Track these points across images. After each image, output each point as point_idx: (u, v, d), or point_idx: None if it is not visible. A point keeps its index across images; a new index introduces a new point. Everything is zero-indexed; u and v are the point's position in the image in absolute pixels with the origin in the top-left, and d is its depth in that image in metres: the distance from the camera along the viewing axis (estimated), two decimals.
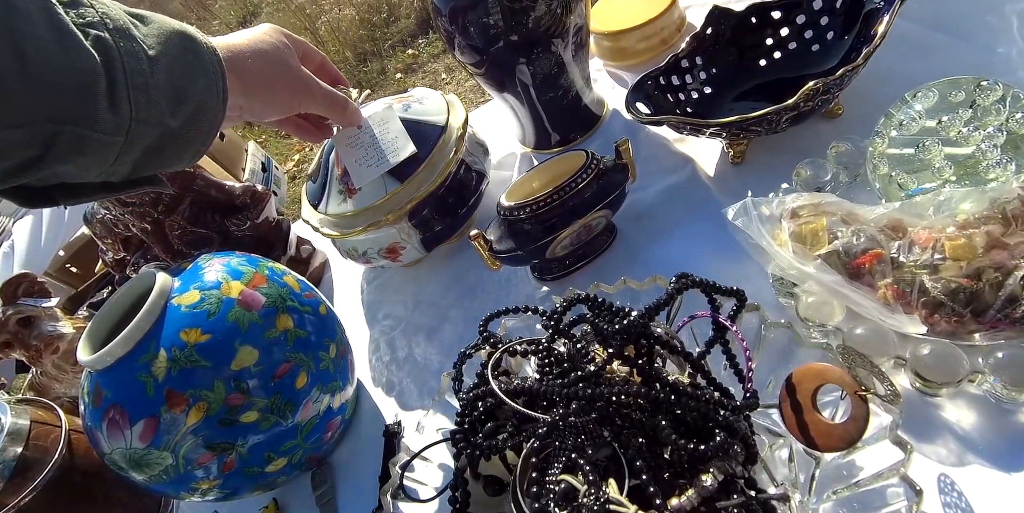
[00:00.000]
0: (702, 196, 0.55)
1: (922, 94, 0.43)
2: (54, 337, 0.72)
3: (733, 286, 0.38)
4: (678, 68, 0.59)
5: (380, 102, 0.59)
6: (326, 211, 0.59)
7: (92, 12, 0.30)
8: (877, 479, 0.31)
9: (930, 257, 0.37)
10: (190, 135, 0.35)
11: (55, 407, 0.58)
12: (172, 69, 0.33)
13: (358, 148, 0.56)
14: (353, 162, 0.56)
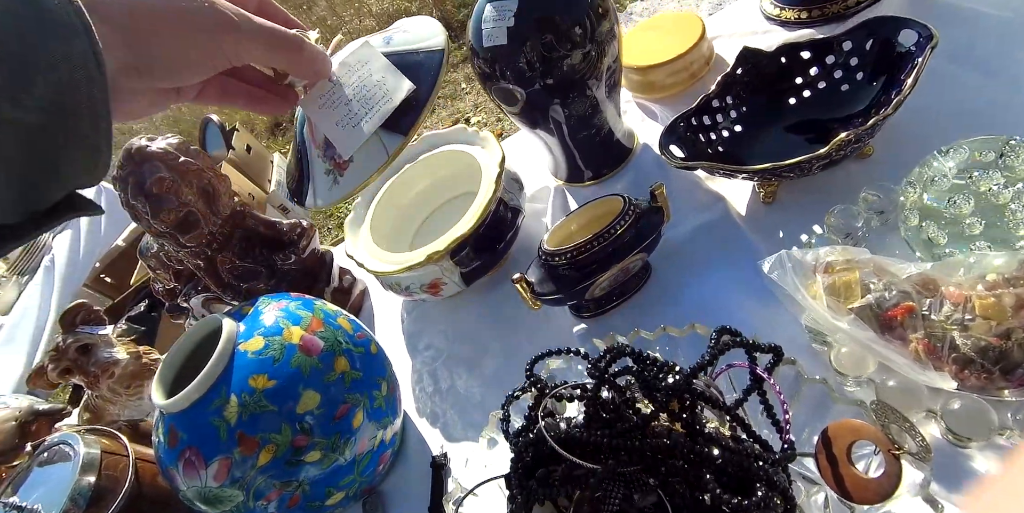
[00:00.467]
0: (734, 235, 0.57)
1: (954, 151, 0.44)
2: (110, 363, 0.76)
3: (770, 342, 0.40)
4: (709, 108, 0.61)
5: (352, 43, 0.44)
6: (315, 201, 0.43)
7: None
8: None
9: (960, 315, 0.38)
10: (68, 130, 0.24)
11: (120, 436, 0.62)
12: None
13: (335, 107, 0.40)
14: (333, 126, 0.40)
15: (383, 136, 0.39)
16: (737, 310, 0.52)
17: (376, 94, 0.39)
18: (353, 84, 0.40)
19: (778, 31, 0.72)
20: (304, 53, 0.34)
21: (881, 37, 0.54)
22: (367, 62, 0.41)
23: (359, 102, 0.40)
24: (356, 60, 0.41)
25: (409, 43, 0.42)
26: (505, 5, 0.55)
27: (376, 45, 0.42)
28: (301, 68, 0.36)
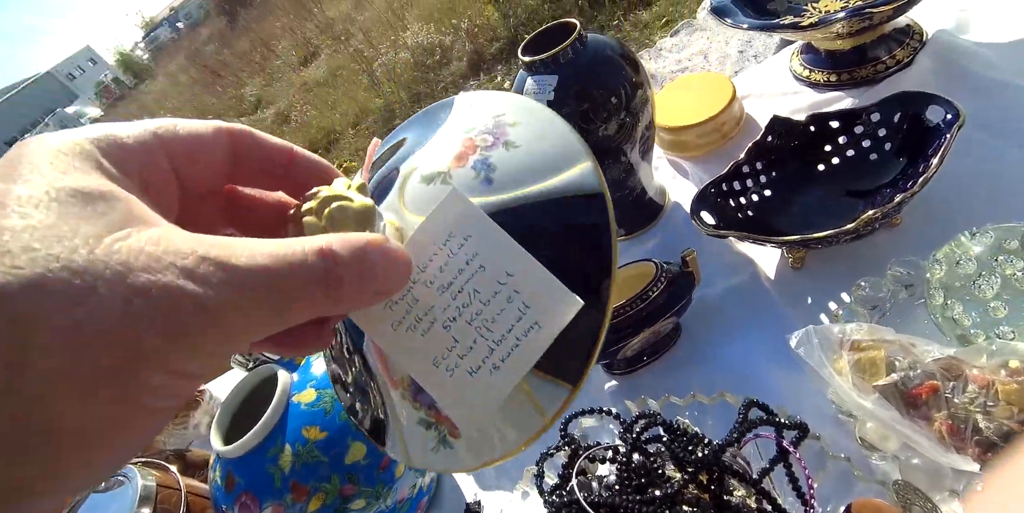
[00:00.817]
0: (763, 300, 0.59)
1: (980, 234, 0.46)
2: None
3: (797, 417, 0.41)
4: (739, 174, 0.63)
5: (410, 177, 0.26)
6: (409, 458, 0.26)
7: None
8: None
9: (983, 399, 0.40)
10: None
11: (171, 469, 0.66)
12: None
13: (426, 331, 0.23)
14: (427, 365, 0.23)
15: (530, 383, 0.22)
16: (765, 376, 0.53)
17: (505, 311, 0.21)
18: (451, 286, 0.22)
19: (807, 92, 0.75)
20: (344, 288, 0.18)
21: (909, 111, 0.56)
22: (467, 237, 0.22)
23: (471, 325, 0.22)
24: (443, 232, 0.22)
25: (528, 176, 0.23)
26: (546, 79, 0.59)
27: (466, 184, 0.24)
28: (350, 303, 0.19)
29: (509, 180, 0.23)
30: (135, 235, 0.15)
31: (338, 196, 0.22)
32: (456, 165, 0.25)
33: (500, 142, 0.25)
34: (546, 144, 0.24)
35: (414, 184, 0.25)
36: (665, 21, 2.33)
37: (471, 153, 0.25)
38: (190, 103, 5.76)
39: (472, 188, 0.24)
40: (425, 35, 3.20)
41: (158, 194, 0.19)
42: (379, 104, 3.17)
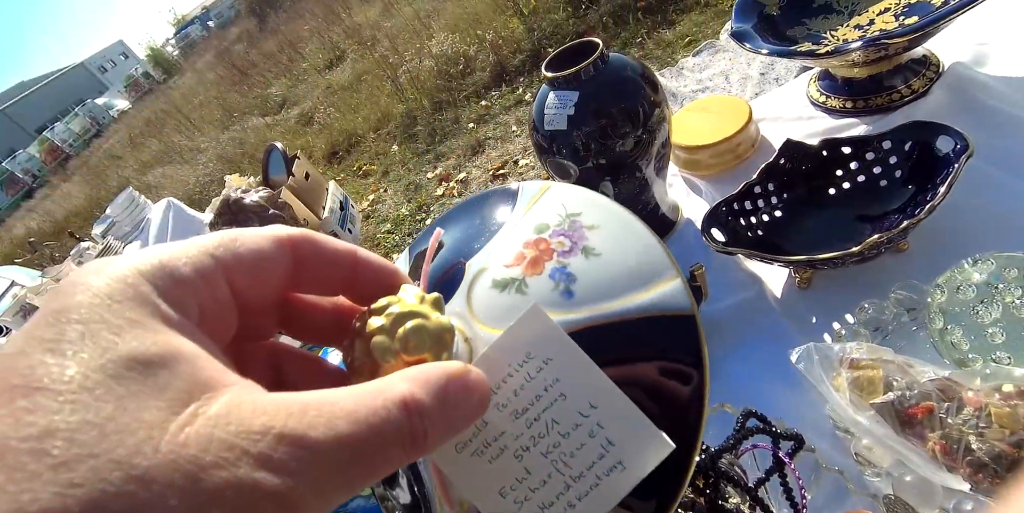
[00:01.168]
0: (769, 317, 0.60)
1: (982, 262, 0.47)
2: None
3: (790, 426, 0.43)
4: (751, 193, 0.65)
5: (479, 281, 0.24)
6: None
7: None
8: None
9: (976, 421, 0.41)
10: None
11: None
12: None
13: (494, 457, 0.20)
14: (495, 496, 0.20)
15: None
16: (766, 390, 0.55)
17: (585, 447, 0.20)
18: (526, 413, 0.20)
19: (823, 118, 0.77)
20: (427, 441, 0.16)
21: (920, 140, 0.58)
22: (547, 360, 0.20)
23: (547, 458, 0.20)
24: (521, 351, 0.20)
25: (613, 290, 0.22)
26: (567, 95, 0.62)
27: (544, 296, 0.22)
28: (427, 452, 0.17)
29: (591, 294, 0.22)
30: (202, 416, 0.13)
31: (412, 313, 0.20)
32: (531, 272, 0.23)
33: (579, 248, 0.23)
34: (630, 253, 0.23)
35: (484, 289, 0.24)
36: (688, 41, 2.36)
37: (547, 259, 0.23)
38: (216, 100, 5.88)
39: (551, 301, 0.22)
40: (450, 44, 3.26)
41: (216, 321, 0.17)
42: (401, 110, 3.22)
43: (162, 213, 2.14)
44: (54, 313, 0.14)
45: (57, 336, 0.13)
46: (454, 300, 0.24)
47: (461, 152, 2.64)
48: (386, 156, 3.00)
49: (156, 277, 0.15)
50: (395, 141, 3.07)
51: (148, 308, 0.15)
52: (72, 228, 3.35)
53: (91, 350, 0.13)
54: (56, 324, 0.14)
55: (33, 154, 11.91)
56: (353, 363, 0.20)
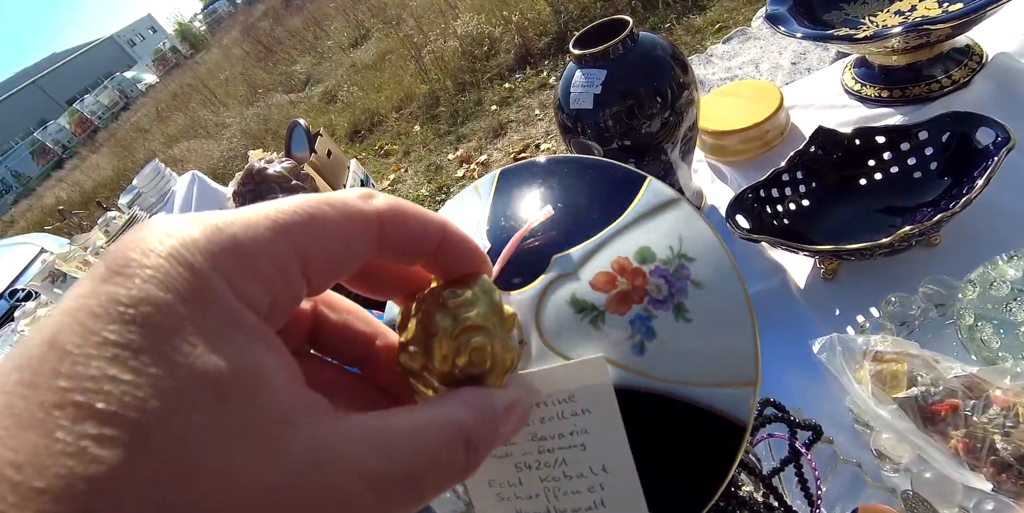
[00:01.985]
0: (791, 307, 0.59)
1: (1017, 258, 0.46)
2: None
3: (812, 420, 0.42)
4: (779, 181, 0.64)
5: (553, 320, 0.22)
6: None
7: None
8: None
9: (1003, 420, 0.40)
10: None
11: None
12: None
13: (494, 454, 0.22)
14: (482, 490, 0.22)
15: None
16: (786, 381, 0.54)
17: (579, 495, 0.21)
18: (545, 440, 0.21)
19: (856, 107, 0.75)
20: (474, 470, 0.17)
21: (958, 132, 0.56)
22: (587, 409, 0.20)
23: (542, 482, 0.21)
24: (567, 390, 0.20)
25: (685, 369, 0.21)
26: (594, 73, 0.60)
27: (615, 340, 0.21)
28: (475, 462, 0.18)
29: (662, 362, 0.21)
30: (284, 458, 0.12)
31: (482, 328, 0.19)
32: (614, 308, 0.21)
33: (673, 303, 0.21)
34: (722, 336, 0.21)
35: (561, 299, 0.22)
36: (718, 27, 2.31)
37: (636, 301, 0.21)
38: (241, 76, 5.91)
39: (619, 350, 0.21)
40: (475, 25, 3.22)
41: (283, 316, 0.15)
42: (424, 90, 3.20)
43: (187, 186, 2.17)
44: (112, 301, 0.12)
45: (118, 339, 0.11)
46: (527, 292, 0.23)
47: (483, 134, 2.62)
48: (408, 136, 2.99)
49: (227, 262, 0.13)
50: (417, 121, 3.06)
51: (220, 308, 0.13)
52: (99, 198, 3.41)
53: (161, 366, 0.11)
54: (116, 319, 0.12)
55: (63, 125, 12.12)
56: (407, 343, 0.19)
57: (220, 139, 4.51)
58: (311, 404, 0.14)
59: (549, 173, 0.26)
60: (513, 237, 0.23)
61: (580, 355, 0.21)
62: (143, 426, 0.11)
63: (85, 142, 11.20)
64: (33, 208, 7.50)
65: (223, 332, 0.12)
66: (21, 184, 11.61)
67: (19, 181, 11.78)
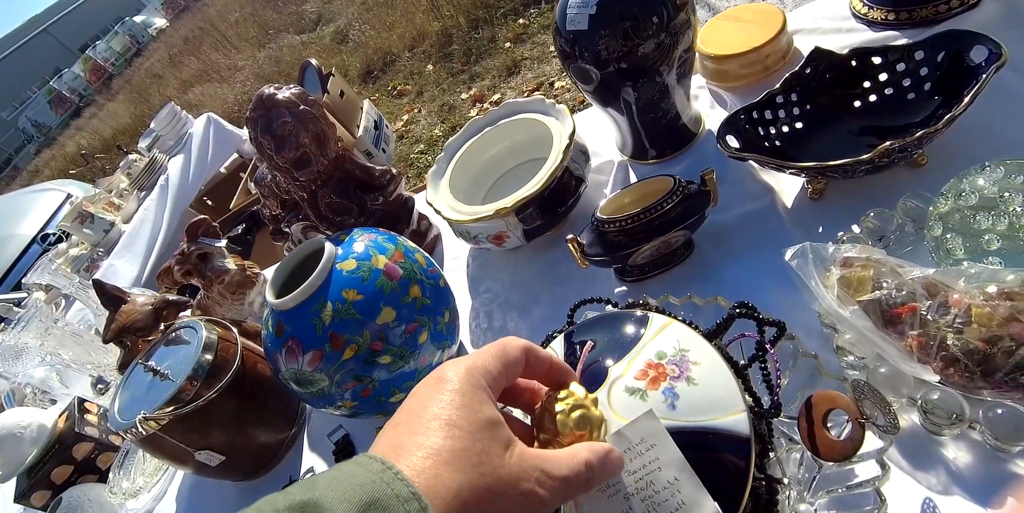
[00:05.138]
0: (776, 226, 0.62)
1: (991, 169, 0.47)
2: (222, 271, 0.91)
3: (777, 318, 0.46)
4: (772, 103, 0.65)
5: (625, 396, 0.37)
6: None
7: None
8: (860, 487, 0.40)
9: (954, 319, 0.43)
10: None
11: (231, 327, 0.76)
12: None
13: (610, 496, 0.35)
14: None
15: None
16: (764, 292, 0.57)
17: (667, 502, 0.33)
18: (635, 472, 0.34)
19: (863, 31, 0.74)
20: (592, 486, 0.31)
21: (953, 50, 0.56)
22: (653, 445, 0.34)
23: (643, 502, 0.33)
24: (638, 437, 0.34)
25: (701, 411, 0.35)
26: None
27: (656, 405, 0.35)
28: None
29: (688, 410, 0.35)
30: (514, 454, 0.29)
31: (581, 405, 0.35)
32: (651, 387, 0.37)
33: (684, 376, 0.37)
34: (718, 387, 0.36)
35: (619, 391, 0.37)
36: None
37: (662, 380, 0.37)
38: (252, 17, 5.78)
39: (661, 409, 0.35)
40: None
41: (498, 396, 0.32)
42: (437, 28, 3.12)
43: (203, 128, 2.20)
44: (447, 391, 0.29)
45: (449, 400, 0.29)
46: (599, 392, 0.38)
47: (496, 73, 2.58)
48: (420, 76, 2.95)
49: (485, 377, 0.31)
50: (430, 60, 3.00)
51: (485, 394, 0.30)
52: (120, 143, 3.46)
53: (470, 414, 0.28)
54: (446, 391, 0.29)
55: (78, 73, 12.04)
56: (541, 425, 0.35)
57: (233, 83, 4.48)
58: (516, 437, 0.30)
59: (592, 327, 0.45)
60: (577, 366, 0.40)
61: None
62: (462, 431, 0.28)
63: (100, 90, 11.17)
64: (56, 157, 7.61)
65: (488, 402, 0.30)
66: (42, 134, 11.70)
67: (40, 131, 11.87)
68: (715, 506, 0.33)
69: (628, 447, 0.35)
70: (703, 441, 0.35)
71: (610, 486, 0.35)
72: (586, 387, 0.40)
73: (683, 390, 0.36)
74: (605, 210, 0.62)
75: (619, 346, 0.41)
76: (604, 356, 0.41)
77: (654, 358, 0.39)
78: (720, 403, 0.36)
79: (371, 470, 0.26)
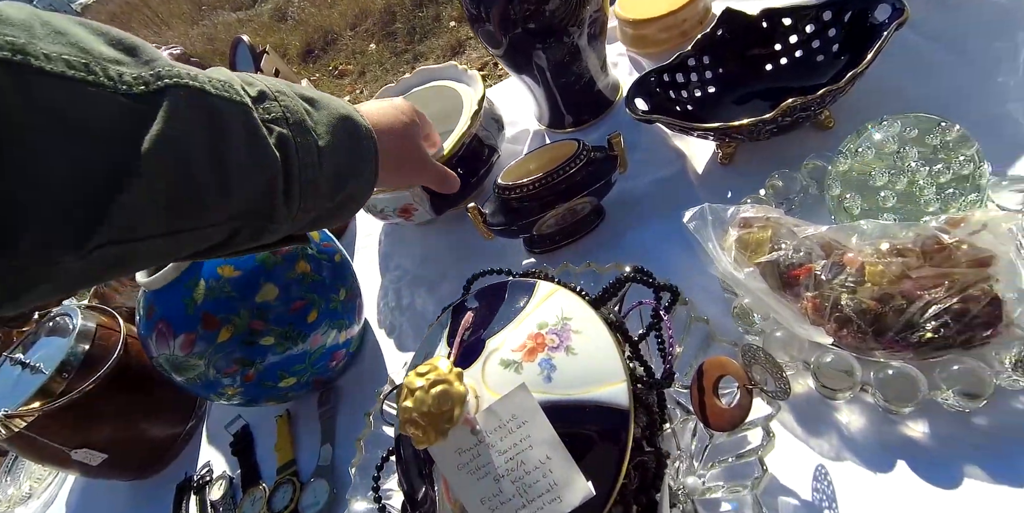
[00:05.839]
0: (686, 192, 0.60)
1: (886, 124, 0.46)
2: None
3: (673, 283, 0.44)
4: (684, 66, 0.62)
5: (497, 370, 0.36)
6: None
7: (276, 106, 0.31)
8: (746, 456, 0.38)
9: (847, 279, 0.42)
10: (341, 212, 0.37)
11: (116, 315, 0.70)
12: (337, 159, 0.34)
13: (481, 477, 0.33)
14: (476, 503, 0.33)
15: None
16: (670, 258, 0.56)
17: (539, 483, 0.31)
18: (506, 452, 0.32)
19: None
20: (448, 182, 0.51)
21: (858, 9, 0.55)
22: (525, 421, 0.32)
23: (514, 484, 0.31)
24: (509, 413, 0.32)
25: (578, 383, 0.33)
26: None
27: (531, 378, 0.33)
28: (442, 190, 0.51)
29: (564, 382, 0.33)
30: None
31: (444, 380, 0.34)
32: (527, 359, 0.35)
33: (563, 346, 0.35)
34: (598, 357, 0.34)
35: (494, 364, 0.35)
36: None
37: (540, 351, 0.35)
38: None
39: (535, 382, 0.33)
40: None
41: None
42: (380, 5, 3.01)
43: None
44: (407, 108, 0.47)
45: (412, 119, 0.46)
46: (474, 366, 0.36)
47: (441, 52, 2.50)
48: (363, 55, 2.85)
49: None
50: (373, 39, 2.90)
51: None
52: None
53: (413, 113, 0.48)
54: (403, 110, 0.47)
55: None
56: (399, 404, 0.35)
57: None
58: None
59: (479, 298, 0.43)
60: (455, 339, 0.38)
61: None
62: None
63: None
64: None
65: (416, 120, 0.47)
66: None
67: None
68: (588, 486, 0.31)
69: (498, 424, 0.32)
70: (579, 415, 0.32)
71: (480, 467, 0.33)
72: (463, 361, 0.37)
73: (561, 361, 0.34)
74: (508, 177, 0.58)
75: (503, 317, 0.39)
76: (485, 327, 0.39)
77: (535, 328, 0.36)
78: (599, 374, 0.33)
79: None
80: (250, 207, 0.30)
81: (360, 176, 0.37)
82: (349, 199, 0.37)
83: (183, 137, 0.26)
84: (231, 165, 0.28)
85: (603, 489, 0.31)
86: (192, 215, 0.27)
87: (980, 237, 0.39)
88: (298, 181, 0.31)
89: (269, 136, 0.30)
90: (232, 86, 0.29)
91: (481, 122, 0.66)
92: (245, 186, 0.29)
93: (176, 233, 0.27)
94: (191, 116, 0.26)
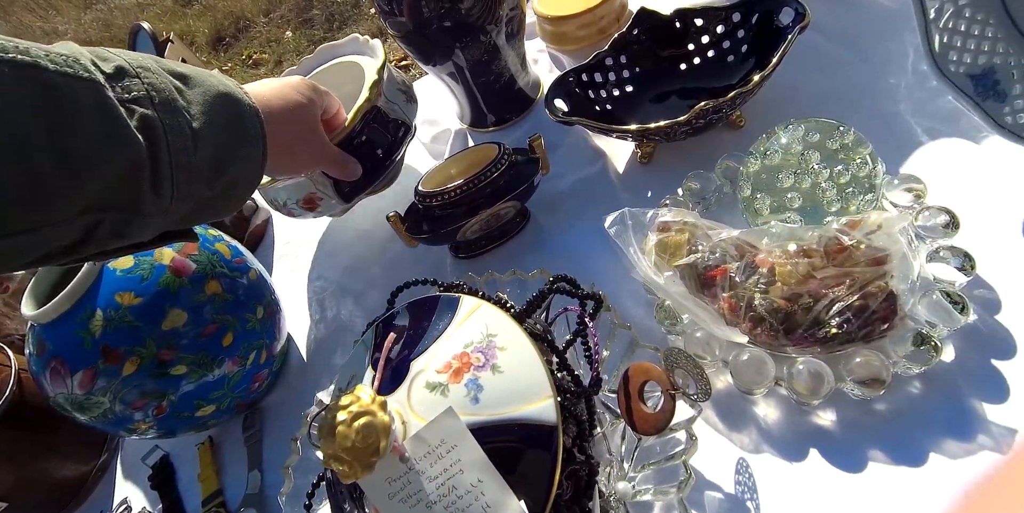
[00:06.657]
0: (607, 192, 0.60)
1: (793, 127, 0.48)
2: (4, 277, 0.76)
3: (598, 289, 0.44)
4: (601, 66, 0.62)
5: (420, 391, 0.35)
6: None
7: (138, 84, 0.28)
8: (671, 459, 0.40)
9: (759, 279, 0.43)
10: (226, 202, 0.35)
11: (3, 347, 0.63)
12: (215, 141, 0.31)
13: (412, 505, 0.32)
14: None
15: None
16: (596, 262, 0.56)
17: (471, 506, 0.31)
18: (436, 478, 0.31)
19: None
20: (348, 169, 0.51)
21: (764, 11, 0.56)
22: (454, 446, 0.31)
23: (447, 510, 0.31)
24: (437, 438, 0.32)
25: (505, 402, 0.33)
26: None
27: (458, 400, 0.33)
28: (343, 177, 0.52)
29: (492, 403, 0.33)
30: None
31: (367, 411, 0.33)
32: (453, 380, 0.34)
33: (489, 365, 0.34)
34: (524, 374, 0.33)
35: (419, 387, 0.35)
36: None
37: (465, 371, 0.34)
38: None
39: (462, 405, 0.33)
40: None
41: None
42: None
43: None
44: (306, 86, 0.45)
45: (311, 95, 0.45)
46: (399, 390, 0.35)
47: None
48: (279, 43, 2.70)
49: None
50: (289, 26, 2.75)
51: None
52: None
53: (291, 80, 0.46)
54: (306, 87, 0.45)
55: None
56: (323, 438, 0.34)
57: None
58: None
59: (404, 315, 0.41)
60: (379, 362, 0.37)
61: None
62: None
63: None
64: None
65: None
66: None
67: None
68: (520, 506, 0.31)
69: (427, 451, 0.32)
70: (509, 434, 0.32)
71: (411, 495, 0.32)
72: (389, 385, 0.36)
73: (487, 381, 0.33)
74: (430, 182, 0.57)
75: (428, 336, 0.38)
76: (411, 348, 0.38)
77: (460, 347, 0.36)
78: (526, 391, 0.33)
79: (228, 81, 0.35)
80: (109, 197, 0.27)
81: (244, 160, 0.34)
82: (232, 186, 0.34)
83: (10, 118, 0.23)
84: (78, 150, 0.25)
85: (537, 503, 0.31)
86: (33, 207, 0.25)
87: (876, 237, 0.41)
88: (169, 167, 0.29)
89: (129, 117, 0.27)
90: (78, 61, 0.26)
91: (383, 93, 0.56)
92: (98, 173, 0.26)
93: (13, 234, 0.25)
94: (19, 93, 0.24)
